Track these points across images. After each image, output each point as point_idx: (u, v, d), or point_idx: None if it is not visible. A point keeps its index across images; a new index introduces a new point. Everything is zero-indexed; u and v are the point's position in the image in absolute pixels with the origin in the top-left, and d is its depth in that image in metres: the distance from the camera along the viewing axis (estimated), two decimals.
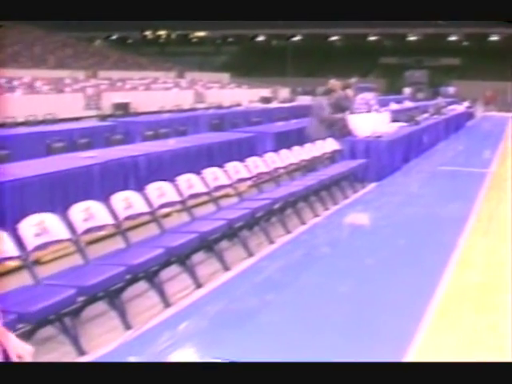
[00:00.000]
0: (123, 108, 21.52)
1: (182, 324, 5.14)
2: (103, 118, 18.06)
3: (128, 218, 6.22)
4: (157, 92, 27.44)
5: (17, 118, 15.60)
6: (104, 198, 6.15)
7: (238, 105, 21.87)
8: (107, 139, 12.01)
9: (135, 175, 8.88)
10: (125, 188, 7.08)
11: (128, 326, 5.15)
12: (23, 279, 5.12)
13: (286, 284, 6.05)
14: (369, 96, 13.38)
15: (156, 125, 13.66)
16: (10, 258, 5.15)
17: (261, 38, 66.96)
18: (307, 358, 4.20)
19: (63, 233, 5.38)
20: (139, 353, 4.53)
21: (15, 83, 25.05)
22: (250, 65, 58.32)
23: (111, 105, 22.16)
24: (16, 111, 16.04)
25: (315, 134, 11.72)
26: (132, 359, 4.36)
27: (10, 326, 3.81)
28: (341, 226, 8.66)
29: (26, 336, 4.49)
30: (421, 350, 4.55)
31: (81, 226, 5.58)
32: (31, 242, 5.08)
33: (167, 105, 19.91)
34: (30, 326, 4.49)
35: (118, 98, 22.85)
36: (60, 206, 6.48)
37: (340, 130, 12.28)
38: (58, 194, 7.57)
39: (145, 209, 6.45)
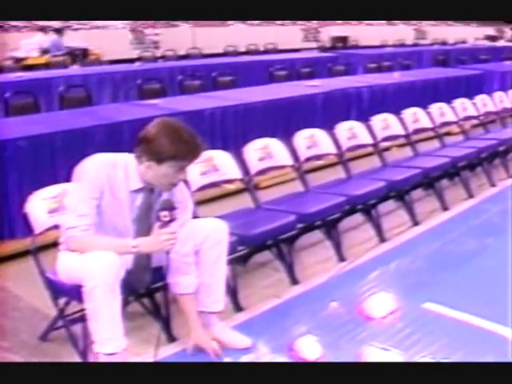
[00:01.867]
0: (342, 41, 21.21)
1: (395, 261, 4.92)
2: (323, 49, 17.83)
3: (350, 149, 6.03)
4: (377, 27, 26.78)
5: (238, 47, 15.78)
6: (326, 126, 5.97)
7: (464, 42, 20.92)
8: (329, 70, 11.79)
9: (358, 106, 8.68)
10: (347, 118, 6.89)
11: (342, 258, 5.01)
12: (242, 203, 5.09)
13: (505, 229, 5.62)
14: None
15: (378, 58, 13.24)
16: (232, 181, 5.14)
17: None
18: None
19: (286, 159, 5.29)
20: (348, 286, 4.37)
21: None
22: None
23: (330, 38, 21.92)
24: (236, 41, 16.23)
25: None
26: (339, 293, 4.20)
27: (231, 248, 3.76)
28: None
29: (243, 259, 4.47)
30: None
31: (304, 153, 5.46)
32: (255, 165, 5.03)
33: (389, 39, 19.32)
34: (248, 249, 4.45)
35: (337, 31, 22.54)
36: (282, 133, 6.41)
37: None
38: (281, 120, 7.52)
39: (368, 140, 6.23)
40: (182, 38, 16.57)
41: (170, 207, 3.27)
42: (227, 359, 3.49)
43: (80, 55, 13.92)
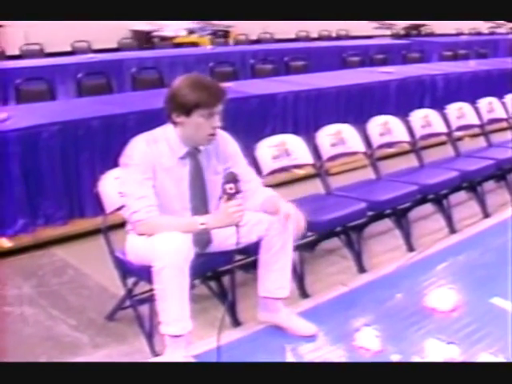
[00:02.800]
0: (416, 29, 20.86)
1: (465, 253, 4.80)
2: (397, 36, 17.56)
3: (423, 137, 5.92)
4: None
5: (310, 32, 15.71)
6: (399, 114, 5.87)
7: None
8: (403, 57, 11.66)
9: (432, 94, 8.55)
10: (420, 106, 6.78)
11: (411, 248, 4.94)
12: (312, 188, 5.05)
13: None
14: None
15: (454, 45, 12.98)
16: (303, 166, 5.11)
17: None
18: None
19: (359, 145, 5.22)
20: (416, 277, 4.28)
21: None
22: None
23: (403, 26, 21.60)
24: (308, 27, 16.14)
25: None
26: (406, 284, 4.12)
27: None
28: None
29: (310, 245, 4.43)
30: None
31: (377, 140, 5.39)
32: (327, 151, 4.98)
33: (463, 28, 18.94)
34: (317, 235, 4.42)
35: None
36: (354, 119, 6.34)
37: None
38: (353, 106, 7.49)
39: (442, 129, 6.11)
40: (253, 22, 16.52)
41: (234, 179, 3.24)
42: (289, 346, 3.46)
43: (222, 35, 14.97)
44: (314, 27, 15.99)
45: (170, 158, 3.38)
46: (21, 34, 11.78)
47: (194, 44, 13.72)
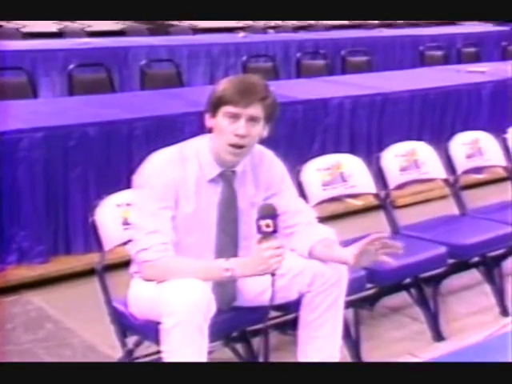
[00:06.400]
0: None
1: None
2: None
3: None
4: None
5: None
6: (493, 129, 5.89)
7: None
8: (503, 50, 11.64)
9: None
10: None
11: (505, 310, 4.91)
12: (372, 224, 5.06)
13: None
14: None
15: None
16: (361, 195, 5.14)
17: None
18: None
19: (438, 170, 5.20)
20: None
21: None
22: None
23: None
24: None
25: None
26: (499, 359, 4.08)
27: (357, 285, 3.75)
28: None
29: (370, 301, 4.44)
30: None
31: (462, 164, 5.38)
32: (395, 177, 4.98)
33: None
34: (379, 288, 4.44)
35: None
36: (432, 134, 6.36)
37: None
38: (431, 117, 7.48)
39: None
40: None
41: (271, 214, 3.21)
42: None
43: None
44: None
45: (198, 180, 3.41)
46: None
47: None
